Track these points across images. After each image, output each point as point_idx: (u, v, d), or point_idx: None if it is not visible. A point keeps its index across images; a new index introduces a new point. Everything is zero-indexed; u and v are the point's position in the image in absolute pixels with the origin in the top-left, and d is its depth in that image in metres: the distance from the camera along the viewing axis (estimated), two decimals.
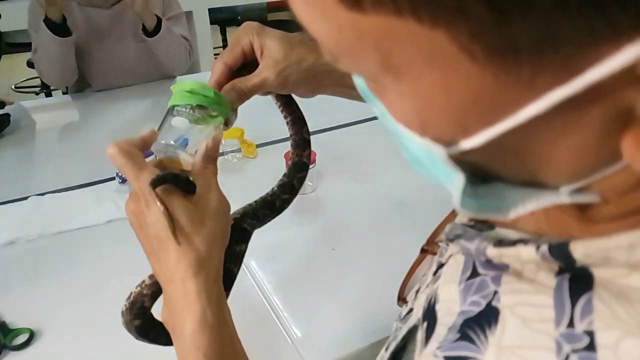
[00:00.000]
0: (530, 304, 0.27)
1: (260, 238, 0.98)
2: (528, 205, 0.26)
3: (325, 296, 0.87)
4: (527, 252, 0.28)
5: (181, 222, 0.45)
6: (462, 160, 0.25)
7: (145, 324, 0.51)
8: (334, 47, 0.23)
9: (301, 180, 0.61)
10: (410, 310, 0.40)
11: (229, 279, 0.54)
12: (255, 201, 0.58)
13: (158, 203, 0.44)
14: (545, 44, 0.18)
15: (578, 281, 0.25)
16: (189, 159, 0.50)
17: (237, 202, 0.57)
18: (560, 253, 0.26)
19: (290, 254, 0.98)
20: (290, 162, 0.61)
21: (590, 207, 0.27)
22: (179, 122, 0.49)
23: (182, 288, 0.45)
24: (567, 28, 0.17)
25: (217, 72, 0.55)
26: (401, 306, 0.56)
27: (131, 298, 0.51)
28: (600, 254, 0.24)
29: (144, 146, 0.49)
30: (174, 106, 0.50)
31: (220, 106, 0.51)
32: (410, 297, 0.44)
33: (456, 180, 0.25)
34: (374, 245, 0.99)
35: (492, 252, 0.30)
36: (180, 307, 0.45)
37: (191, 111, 0.49)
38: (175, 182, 0.47)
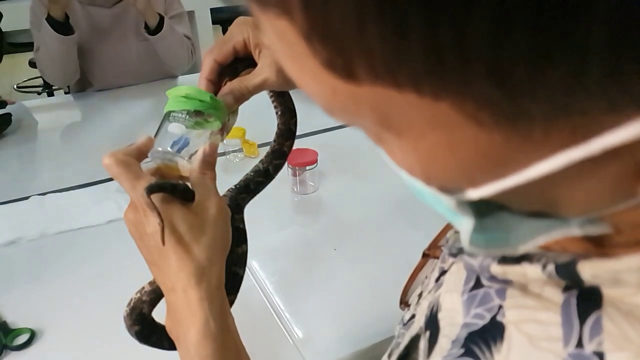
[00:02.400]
0: (536, 321, 0.26)
1: (262, 238, 0.98)
2: (538, 239, 0.25)
3: (326, 296, 0.86)
4: (532, 271, 0.27)
5: (180, 230, 0.45)
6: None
7: (145, 330, 0.51)
8: (326, 105, 0.21)
9: (277, 167, 0.60)
10: (413, 316, 0.40)
11: (235, 281, 0.53)
12: (230, 190, 0.58)
13: (153, 213, 0.43)
14: (559, 112, 0.17)
15: (586, 298, 0.25)
16: (187, 165, 0.50)
17: None
18: (567, 273, 0.25)
19: (291, 254, 0.98)
20: (269, 149, 0.60)
21: (601, 235, 0.26)
22: (175, 128, 0.49)
23: (184, 297, 0.44)
24: (583, 100, 0.16)
25: (206, 69, 0.53)
26: (403, 309, 0.55)
27: (131, 304, 0.51)
28: (609, 275, 0.24)
29: (140, 155, 0.49)
30: (169, 112, 0.49)
31: (217, 110, 0.50)
32: (412, 300, 0.44)
33: (464, 223, 0.25)
34: (376, 246, 0.98)
35: (496, 269, 0.29)
36: (183, 317, 0.44)
37: (187, 117, 0.49)
38: (172, 192, 0.46)
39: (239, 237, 0.55)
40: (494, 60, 0.15)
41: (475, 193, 0.22)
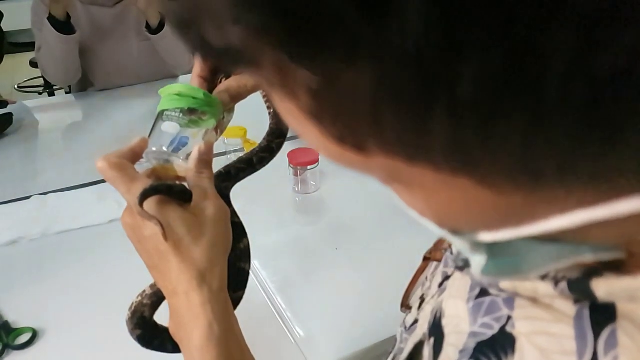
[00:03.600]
0: (549, 334, 0.25)
1: (263, 238, 0.98)
2: (549, 266, 0.24)
3: (328, 296, 0.86)
4: (544, 288, 0.26)
5: (179, 233, 0.44)
6: None
7: (147, 334, 0.51)
8: (334, 162, 0.20)
9: (262, 160, 0.59)
10: (416, 321, 0.39)
11: (242, 277, 0.53)
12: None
13: (150, 219, 0.42)
14: (586, 182, 0.16)
15: (600, 311, 0.24)
16: (183, 165, 0.49)
17: (240, 202, 0.57)
18: (581, 290, 0.25)
19: (293, 253, 0.98)
20: (257, 145, 0.60)
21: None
22: (169, 127, 0.48)
23: (186, 301, 0.43)
24: (612, 179, 0.16)
25: (198, 67, 0.52)
26: (404, 312, 0.55)
27: (132, 308, 0.50)
28: (625, 293, 0.23)
29: (135, 157, 0.47)
30: (163, 111, 0.48)
31: (211, 108, 0.49)
32: (413, 302, 0.44)
33: (477, 258, 0.24)
34: (377, 245, 0.98)
35: (506, 284, 0.29)
36: (186, 321, 0.44)
37: (181, 115, 0.48)
38: (169, 194, 0.45)
39: (238, 231, 0.54)
40: (523, 157, 0.15)
41: (489, 236, 0.22)
